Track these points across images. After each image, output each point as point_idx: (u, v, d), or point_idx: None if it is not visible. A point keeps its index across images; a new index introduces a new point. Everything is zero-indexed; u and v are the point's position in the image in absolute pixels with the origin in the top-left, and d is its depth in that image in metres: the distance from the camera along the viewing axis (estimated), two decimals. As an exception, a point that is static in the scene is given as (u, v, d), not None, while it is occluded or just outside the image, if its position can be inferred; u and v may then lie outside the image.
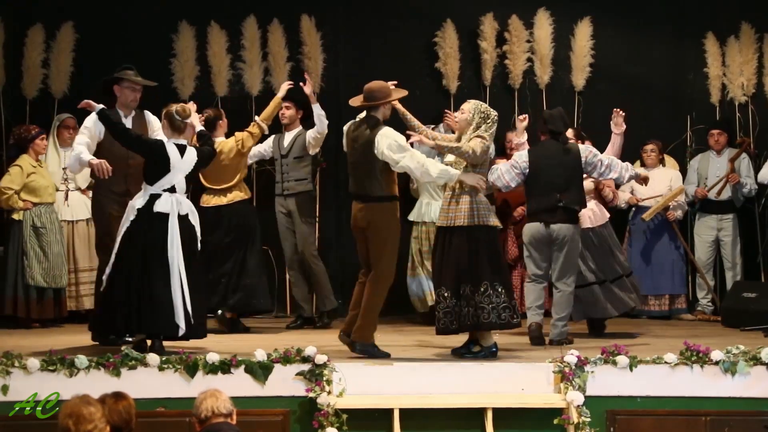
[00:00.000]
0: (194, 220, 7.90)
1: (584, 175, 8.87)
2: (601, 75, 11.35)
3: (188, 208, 7.89)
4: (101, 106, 7.98)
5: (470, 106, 8.02)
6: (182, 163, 7.83)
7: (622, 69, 11.31)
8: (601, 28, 11.37)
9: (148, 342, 7.71)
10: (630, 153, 10.92)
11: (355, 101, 8.04)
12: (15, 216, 9.76)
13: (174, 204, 7.76)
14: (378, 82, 8.05)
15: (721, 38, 11.34)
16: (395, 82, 8.16)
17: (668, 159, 11.06)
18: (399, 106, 8.27)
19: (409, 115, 8.31)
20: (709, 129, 11.02)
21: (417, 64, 11.37)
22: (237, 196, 9.68)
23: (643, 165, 10.90)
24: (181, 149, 7.86)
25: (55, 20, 10.93)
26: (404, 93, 8.14)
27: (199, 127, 8.22)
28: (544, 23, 11.31)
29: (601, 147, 10.85)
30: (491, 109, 8.03)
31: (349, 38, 11.32)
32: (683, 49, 11.45)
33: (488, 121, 7.95)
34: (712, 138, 10.91)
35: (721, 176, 10.75)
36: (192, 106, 8.18)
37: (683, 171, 11.07)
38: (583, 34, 11.35)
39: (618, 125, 9.27)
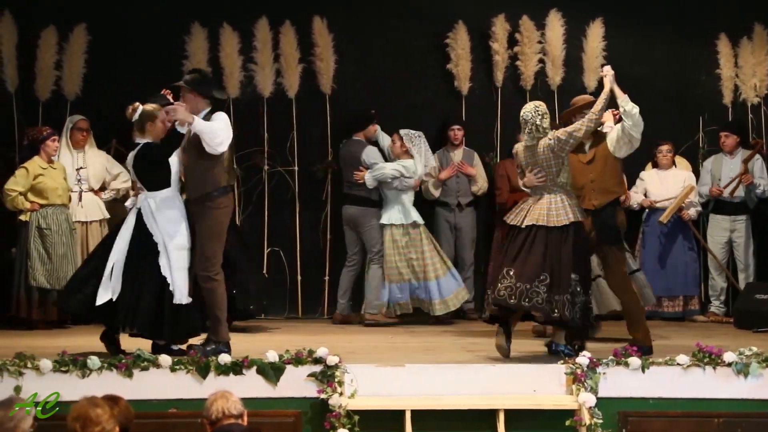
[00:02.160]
0: (154, 218, 7.77)
1: None
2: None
3: (152, 205, 7.78)
4: None
5: None
6: (131, 162, 7.93)
7: (634, 70, 11.27)
8: (612, 29, 11.35)
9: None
10: (643, 154, 10.92)
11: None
12: (22, 217, 9.81)
13: (141, 201, 7.83)
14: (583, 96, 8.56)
15: (734, 39, 11.31)
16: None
17: (680, 160, 11.04)
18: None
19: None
20: (719, 131, 11.00)
21: (428, 65, 11.37)
22: None
23: (655, 166, 10.88)
24: (135, 148, 7.91)
25: (68, 22, 10.95)
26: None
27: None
28: (555, 24, 11.29)
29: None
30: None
31: (360, 40, 11.32)
32: (695, 50, 11.42)
33: None
34: (720, 140, 10.88)
35: (733, 177, 10.72)
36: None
37: (696, 172, 11.04)
38: (595, 35, 11.33)
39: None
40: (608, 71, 8.20)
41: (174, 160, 7.79)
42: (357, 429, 6.98)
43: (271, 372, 7.20)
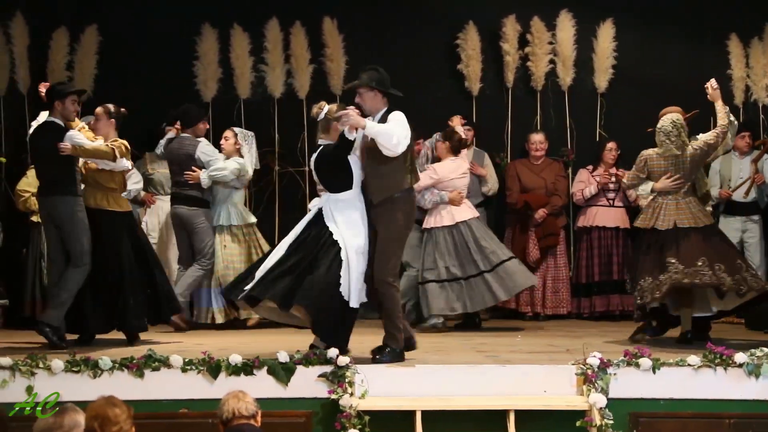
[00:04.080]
0: (334, 220, 7.62)
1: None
2: (624, 77, 11.33)
3: (333, 207, 7.65)
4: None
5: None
6: (312, 164, 7.78)
7: (645, 71, 11.28)
8: (623, 30, 11.35)
9: None
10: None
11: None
12: (34, 218, 9.83)
13: (323, 202, 7.72)
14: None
15: (745, 39, 11.30)
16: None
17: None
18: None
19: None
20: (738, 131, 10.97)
21: (439, 65, 11.38)
22: None
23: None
24: (316, 149, 7.76)
25: (79, 23, 11.00)
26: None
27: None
28: (566, 25, 11.29)
29: (624, 148, 10.86)
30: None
31: (370, 40, 11.33)
32: (706, 50, 11.40)
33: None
34: (743, 140, 10.76)
35: (744, 178, 10.69)
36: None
37: (705, 172, 11.01)
38: (606, 35, 11.32)
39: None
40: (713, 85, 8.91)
41: (356, 162, 7.61)
42: (367, 429, 6.97)
43: (282, 372, 7.20)
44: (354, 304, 7.54)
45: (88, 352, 7.40)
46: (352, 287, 7.51)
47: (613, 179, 10.70)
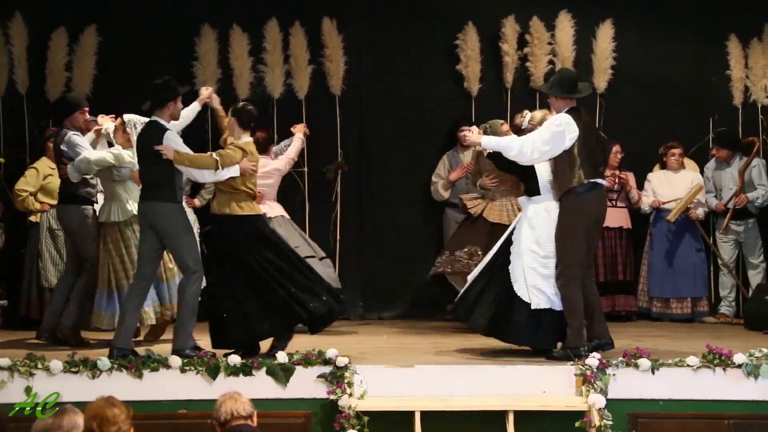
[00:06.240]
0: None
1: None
2: (623, 77, 11.31)
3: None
4: None
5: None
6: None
7: (644, 71, 11.27)
8: (622, 30, 11.33)
9: None
10: (652, 154, 10.93)
11: None
12: (32, 218, 9.83)
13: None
14: None
15: (744, 40, 11.28)
16: None
17: (687, 162, 10.98)
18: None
19: None
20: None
21: (438, 66, 11.36)
22: None
23: (663, 167, 10.87)
24: None
25: (79, 24, 10.98)
26: None
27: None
28: (565, 25, 11.28)
29: (623, 149, 10.86)
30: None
31: (370, 41, 11.32)
32: (706, 51, 11.38)
33: None
34: (719, 152, 10.80)
35: (732, 188, 10.64)
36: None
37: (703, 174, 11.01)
38: (605, 36, 11.31)
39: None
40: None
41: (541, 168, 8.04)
42: (366, 430, 6.98)
43: (281, 373, 7.21)
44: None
45: (87, 353, 7.41)
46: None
47: (617, 180, 10.71)
